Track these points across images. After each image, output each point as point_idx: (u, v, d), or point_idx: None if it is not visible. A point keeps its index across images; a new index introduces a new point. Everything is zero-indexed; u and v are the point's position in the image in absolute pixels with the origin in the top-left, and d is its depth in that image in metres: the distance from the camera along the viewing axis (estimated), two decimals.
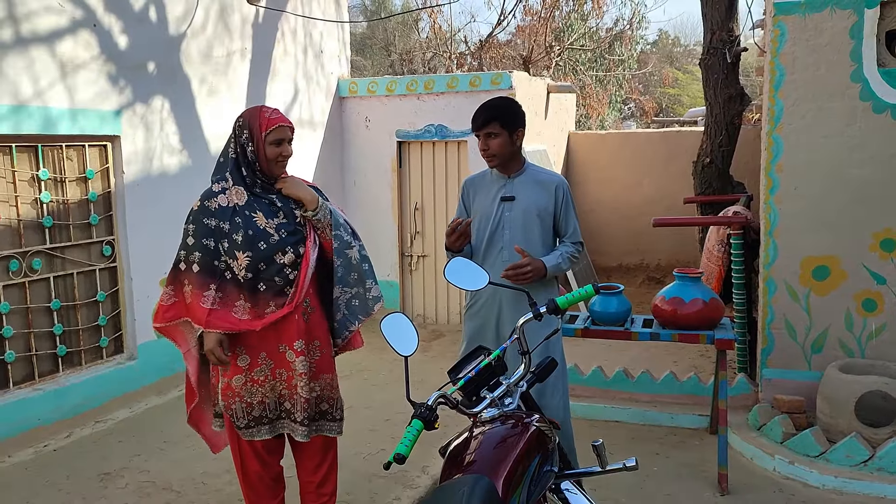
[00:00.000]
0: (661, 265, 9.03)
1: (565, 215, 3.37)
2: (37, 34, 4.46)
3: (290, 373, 2.95)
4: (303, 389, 2.94)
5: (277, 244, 2.88)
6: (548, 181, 3.36)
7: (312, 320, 3.00)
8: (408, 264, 7.69)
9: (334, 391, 3.09)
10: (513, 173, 3.35)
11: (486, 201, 3.37)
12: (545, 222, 3.33)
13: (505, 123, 3.24)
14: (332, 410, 3.08)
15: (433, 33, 15.32)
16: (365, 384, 5.63)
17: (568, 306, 2.54)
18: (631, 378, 5.01)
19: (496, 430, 2.28)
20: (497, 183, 3.37)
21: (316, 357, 3.01)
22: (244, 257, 2.85)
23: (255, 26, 6.30)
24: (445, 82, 7.16)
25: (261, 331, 2.90)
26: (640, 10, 15.35)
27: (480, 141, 3.29)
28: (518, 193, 3.32)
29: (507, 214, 3.32)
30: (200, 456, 4.31)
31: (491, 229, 3.34)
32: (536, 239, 3.32)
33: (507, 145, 3.26)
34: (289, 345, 2.93)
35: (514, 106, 3.33)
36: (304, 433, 2.98)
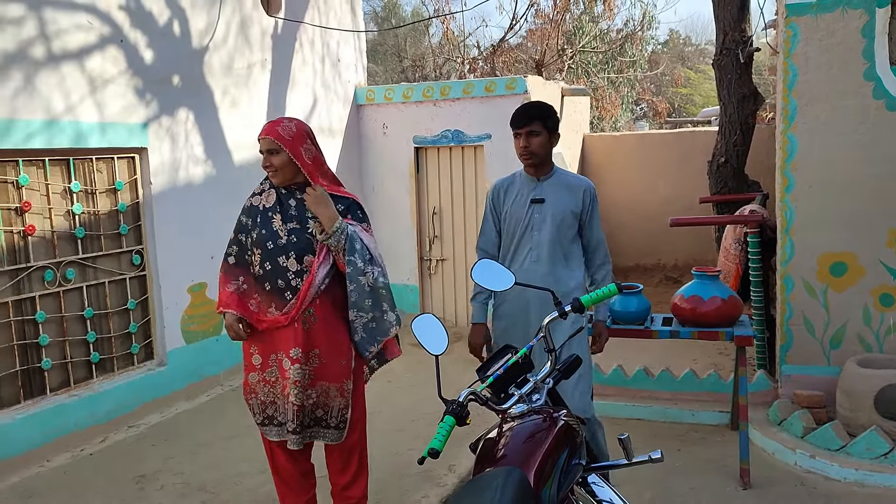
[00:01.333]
0: (677, 265, 9.07)
1: (590, 221, 3.46)
2: (67, 51, 4.61)
3: (285, 381, 3.04)
4: (295, 397, 3.00)
5: (283, 247, 3.00)
6: (576, 185, 3.45)
7: (314, 329, 3.03)
8: (427, 268, 7.79)
9: (332, 400, 3.08)
10: (542, 176, 3.44)
11: (516, 203, 3.44)
12: (572, 224, 3.42)
13: (546, 124, 3.33)
14: (326, 418, 3.10)
15: (445, 38, 15.42)
16: (389, 387, 5.73)
17: (591, 304, 2.62)
18: (651, 376, 5.08)
19: (525, 424, 2.36)
20: (527, 185, 3.45)
21: (314, 365, 3.05)
22: (257, 254, 3.06)
23: (275, 38, 6.43)
24: (461, 88, 7.26)
25: (267, 334, 3.04)
26: (650, 12, 15.40)
27: (521, 139, 3.34)
28: (547, 196, 3.40)
29: (536, 216, 3.40)
30: (233, 458, 4.43)
31: (521, 231, 3.42)
32: (565, 240, 3.41)
33: (545, 146, 3.35)
34: (285, 352, 3.02)
35: (554, 109, 3.44)
36: (296, 441, 3.05)
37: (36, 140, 4.42)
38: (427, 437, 4.66)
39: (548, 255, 3.38)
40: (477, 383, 2.47)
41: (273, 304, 3.03)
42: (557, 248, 3.38)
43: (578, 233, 3.47)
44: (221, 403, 5.48)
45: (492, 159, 7.17)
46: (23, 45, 4.35)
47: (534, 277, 3.30)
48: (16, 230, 4.47)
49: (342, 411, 3.11)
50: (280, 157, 3.01)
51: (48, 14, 4.48)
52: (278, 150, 3.01)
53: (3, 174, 4.38)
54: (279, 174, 3.04)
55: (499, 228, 3.53)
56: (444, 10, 16.59)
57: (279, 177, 3.05)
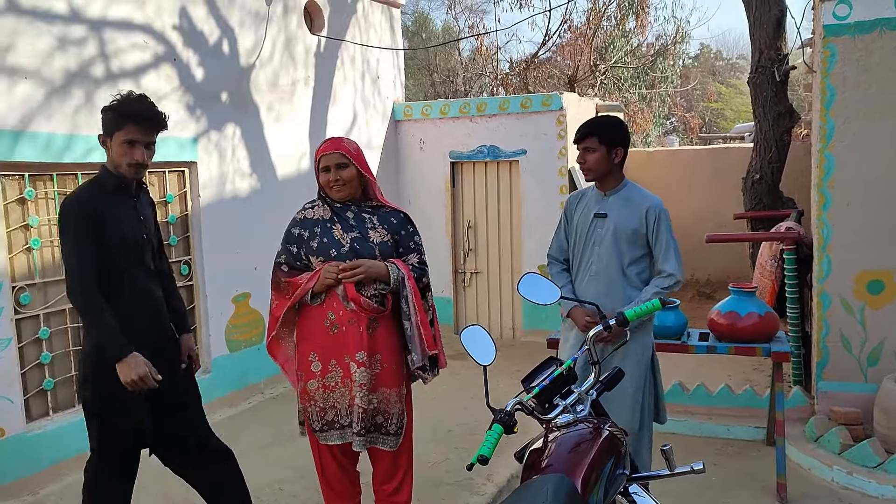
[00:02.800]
0: (710, 280, 9.09)
1: (656, 241, 3.36)
2: (124, 69, 4.81)
3: (351, 384, 3.13)
4: (361, 400, 3.10)
5: (345, 255, 3.12)
6: (639, 202, 3.38)
7: (378, 334, 3.16)
8: (461, 281, 7.90)
9: (392, 406, 3.19)
10: (609, 190, 3.43)
11: (582, 216, 3.48)
12: (633, 243, 3.36)
13: (603, 140, 3.32)
14: (386, 424, 3.19)
15: (478, 54, 15.57)
16: (426, 396, 5.81)
17: (636, 319, 2.70)
18: (686, 391, 5.12)
19: (571, 434, 2.43)
20: (594, 199, 3.48)
21: (377, 370, 3.15)
22: (317, 261, 3.16)
23: (318, 55, 6.62)
24: (497, 104, 7.39)
25: (329, 340, 3.14)
26: (683, 27, 15.42)
27: (579, 154, 3.41)
28: (610, 211, 3.40)
29: (598, 231, 3.41)
30: (275, 464, 4.56)
31: (583, 244, 3.46)
32: (626, 258, 3.37)
33: (603, 161, 3.35)
34: (351, 356, 3.12)
35: (617, 125, 3.44)
36: (360, 443, 3.15)
37: (95, 155, 4.62)
38: (463, 447, 4.75)
39: (606, 272, 3.38)
40: (523, 393, 2.56)
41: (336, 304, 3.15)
42: (616, 265, 3.37)
43: (648, 253, 3.40)
44: (263, 411, 5.62)
45: (527, 174, 7.28)
46: (84, 65, 4.56)
47: (587, 293, 3.36)
48: None
49: (400, 417, 3.22)
50: (349, 170, 3.13)
51: (108, 34, 4.69)
52: (347, 164, 3.12)
53: (64, 187, 4.58)
54: (346, 188, 3.15)
55: (568, 240, 3.57)
56: (477, 25, 16.77)
57: (345, 190, 3.15)
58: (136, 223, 3.02)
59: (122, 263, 2.96)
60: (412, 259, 3.28)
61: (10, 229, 4.27)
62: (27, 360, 4.38)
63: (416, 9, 23.58)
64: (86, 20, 4.56)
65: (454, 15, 18.89)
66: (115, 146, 2.92)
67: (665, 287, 3.36)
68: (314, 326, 3.18)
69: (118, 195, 2.99)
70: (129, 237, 2.97)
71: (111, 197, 2.96)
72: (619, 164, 3.42)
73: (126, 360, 2.86)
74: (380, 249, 3.17)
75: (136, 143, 2.91)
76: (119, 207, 2.97)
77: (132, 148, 2.91)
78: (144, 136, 2.92)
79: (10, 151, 4.17)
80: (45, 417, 4.49)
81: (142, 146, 2.92)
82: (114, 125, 2.92)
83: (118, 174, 2.96)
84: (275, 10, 6.11)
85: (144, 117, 2.91)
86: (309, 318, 3.20)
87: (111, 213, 2.93)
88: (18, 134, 4.21)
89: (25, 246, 4.37)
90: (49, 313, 4.51)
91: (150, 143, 2.97)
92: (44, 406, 4.50)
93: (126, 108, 2.90)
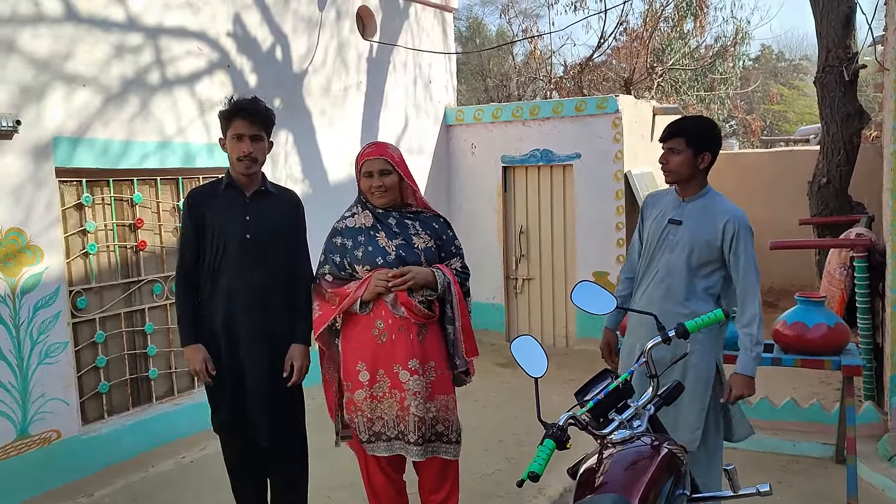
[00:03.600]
0: (773, 288, 8.76)
1: (734, 258, 3.07)
2: (179, 76, 4.87)
3: (402, 393, 3.06)
4: (417, 409, 3.04)
5: (392, 263, 3.06)
6: (718, 212, 3.11)
7: (427, 341, 3.10)
8: (513, 287, 7.79)
9: (450, 413, 3.15)
10: (688, 196, 3.20)
11: (657, 221, 3.27)
12: (707, 256, 3.11)
13: (691, 142, 3.09)
14: (447, 433, 3.14)
15: (532, 57, 15.45)
16: (476, 405, 5.74)
17: (697, 330, 2.57)
18: (749, 404, 4.91)
19: (628, 451, 2.31)
20: (672, 204, 3.25)
21: (431, 378, 3.10)
22: (363, 270, 3.09)
23: (370, 60, 6.61)
24: (551, 108, 7.27)
25: (377, 349, 3.07)
26: (743, 28, 15.01)
27: (663, 154, 3.16)
28: (686, 219, 3.15)
29: (670, 238, 3.19)
30: (323, 472, 4.52)
31: (652, 250, 3.26)
32: (695, 271, 3.13)
33: (687, 165, 3.10)
34: (402, 364, 3.05)
35: (709, 127, 3.21)
36: (419, 452, 3.08)
37: (150, 160, 4.68)
38: (515, 458, 4.65)
39: (669, 282, 3.17)
40: (576, 407, 2.46)
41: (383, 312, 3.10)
42: (683, 276, 3.15)
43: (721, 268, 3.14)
44: (313, 417, 5.59)
45: (581, 179, 7.13)
46: (140, 72, 4.62)
47: (648, 303, 3.19)
48: (129, 245, 4.73)
49: (457, 423, 3.18)
50: (392, 177, 3.09)
51: (163, 42, 4.75)
52: (391, 170, 3.09)
53: (120, 192, 4.65)
54: (388, 194, 3.10)
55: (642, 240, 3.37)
56: (531, 29, 16.65)
57: (387, 197, 3.11)
58: (240, 222, 3.15)
59: (218, 258, 3.15)
60: (455, 263, 3.24)
61: (67, 234, 4.35)
62: (83, 363, 4.46)
63: (470, 14, 23.61)
64: (142, 28, 4.62)
65: (508, 19, 18.82)
66: (228, 144, 3.14)
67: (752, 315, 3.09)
68: (362, 335, 3.13)
69: (228, 193, 3.19)
70: (228, 234, 3.14)
71: (221, 195, 3.18)
72: (705, 170, 3.18)
73: (187, 349, 3.20)
74: (425, 255, 3.12)
75: (242, 136, 3.08)
76: (226, 205, 3.17)
77: (240, 142, 3.09)
78: (249, 129, 3.09)
79: (69, 158, 4.24)
80: (99, 420, 4.55)
81: (247, 139, 3.08)
82: (224, 125, 3.14)
83: (233, 174, 3.18)
84: (327, 16, 6.12)
85: (247, 111, 3.09)
86: (356, 328, 3.15)
87: (216, 210, 3.15)
88: (76, 140, 4.28)
89: (82, 251, 4.45)
90: (105, 317, 4.57)
91: (256, 135, 3.11)
92: (99, 409, 4.57)
93: (231, 106, 3.12)
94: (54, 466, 4.20)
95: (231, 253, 3.16)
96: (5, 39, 3.92)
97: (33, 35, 4.05)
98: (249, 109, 3.10)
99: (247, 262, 3.17)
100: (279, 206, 3.28)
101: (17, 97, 3.98)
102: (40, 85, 4.09)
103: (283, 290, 3.27)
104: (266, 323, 3.20)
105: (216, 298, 3.19)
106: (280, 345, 3.25)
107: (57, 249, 4.21)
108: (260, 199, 3.24)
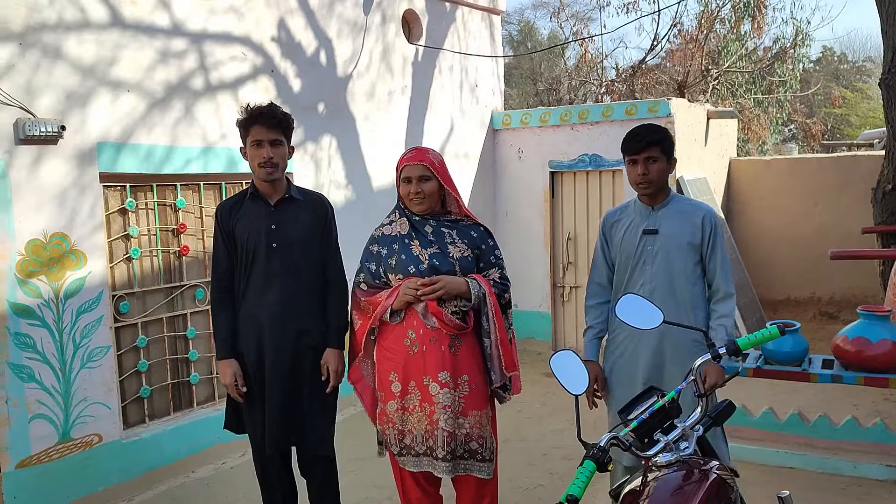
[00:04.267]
0: (834, 299, 8.39)
1: (712, 252, 3.11)
2: (223, 81, 4.87)
3: (432, 407, 2.97)
4: (446, 423, 2.95)
5: (425, 271, 2.99)
6: (693, 211, 3.14)
7: (461, 353, 3.01)
8: (559, 295, 7.63)
9: (484, 430, 3.04)
10: (658, 204, 3.15)
11: (628, 235, 3.20)
12: (691, 257, 3.11)
13: (665, 149, 3.09)
14: (481, 450, 3.03)
15: (583, 61, 15.22)
16: (519, 416, 5.61)
17: (749, 348, 2.41)
18: (807, 422, 4.67)
19: (673, 475, 2.18)
20: (640, 215, 3.19)
21: (464, 392, 3.00)
22: (395, 279, 3.04)
23: (415, 65, 6.54)
24: (600, 111, 7.10)
25: (409, 359, 3.00)
26: (803, 29, 14.52)
27: (638, 166, 3.07)
28: (661, 226, 3.12)
29: (648, 248, 3.13)
30: (363, 481, 4.46)
31: (632, 264, 3.17)
32: (682, 275, 3.11)
33: (664, 172, 3.10)
34: (433, 376, 2.96)
35: (669, 132, 3.20)
36: (448, 469, 2.98)
37: (193, 166, 4.68)
38: (560, 473, 4.51)
39: (661, 292, 3.08)
40: (619, 426, 2.33)
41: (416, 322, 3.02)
42: (674, 283, 3.10)
43: (702, 267, 3.15)
44: (353, 425, 5.55)
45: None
46: (184, 77, 4.63)
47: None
48: (172, 250, 4.74)
49: (492, 441, 3.07)
50: (431, 184, 3.03)
51: (207, 47, 4.76)
52: (430, 176, 3.02)
53: (163, 197, 4.67)
54: (426, 201, 3.04)
55: (611, 264, 3.29)
56: (581, 32, 16.44)
57: (425, 204, 3.05)
58: (265, 232, 3.14)
59: (247, 269, 3.17)
60: (493, 274, 3.13)
61: (111, 239, 4.37)
62: (125, 367, 4.47)
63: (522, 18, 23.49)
64: (186, 33, 4.63)
65: (559, 23, 18.60)
66: (248, 152, 3.14)
67: (731, 310, 3.11)
68: (394, 346, 3.06)
69: (254, 203, 3.20)
70: (253, 244, 3.15)
71: (247, 205, 3.20)
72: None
73: (220, 364, 3.23)
74: (460, 265, 3.04)
75: (261, 142, 3.08)
76: (252, 214, 3.18)
77: (259, 148, 3.09)
78: (268, 134, 3.08)
79: (113, 163, 4.27)
80: (141, 425, 4.56)
81: (267, 144, 3.08)
82: (243, 133, 3.15)
83: (257, 183, 3.19)
84: (373, 20, 6.08)
85: (265, 116, 3.08)
86: (389, 337, 3.08)
87: (243, 219, 3.18)
88: (121, 146, 4.30)
89: (125, 255, 4.47)
90: (147, 322, 4.59)
91: (275, 140, 3.10)
92: (140, 413, 4.58)
93: (248, 114, 3.12)
94: (95, 470, 4.21)
95: (259, 263, 3.15)
96: (52, 46, 3.96)
97: (79, 41, 4.08)
98: (267, 115, 3.09)
99: (274, 272, 3.15)
100: (305, 213, 3.25)
101: (63, 103, 4.02)
102: (85, 91, 4.12)
103: (313, 298, 3.24)
104: (292, 334, 3.17)
105: (247, 310, 3.19)
106: (306, 356, 3.21)
107: (100, 254, 4.23)
108: (285, 206, 3.21)
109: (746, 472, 3.49)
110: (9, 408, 3.82)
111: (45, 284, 3.96)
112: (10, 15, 3.78)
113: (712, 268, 3.12)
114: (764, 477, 4.33)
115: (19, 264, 3.85)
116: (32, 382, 3.92)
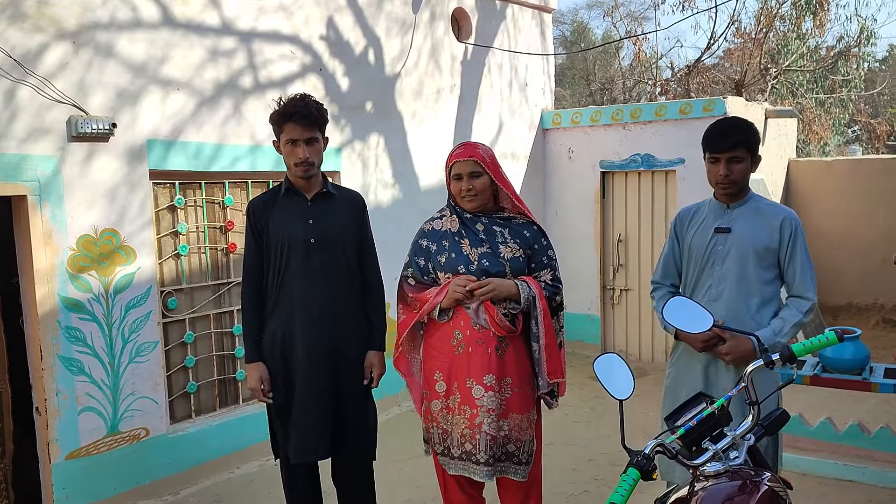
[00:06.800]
0: None
1: (790, 258, 2.93)
2: (271, 80, 4.90)
3: (474, 409, 2.91)
4: (489, 426, 2.89)
5: (475, 271, 2.93)
6: (773, 213, 2.96)
7: (507, 356, 2.94)
8: (609, 297, 7.48)
9: (523, 433, 2.97)
10: (734, 203, 3.00)
11: (699, 233, 3.06)
12: (765, 261, 2.94)
13: (750, 148, 2.92)
14: (518, 453, 2.97)
15: (637, 60, 14.97)
16: (565, 420, 5.51)
17: (805, 355, 2.28)
18: (868, 433, 4.46)
19: (722, 486, 2.08)
20: (714, 213, 3.05)
21: (507, 395, 2.94)
22: (445, 278, 2.98)
23: (464, 63, 6.49)
24: (653, 110, 6.94)
25: (454, 360, 2.95)
26: (868, 26, 13.99)
27: (720, 165, 2.92)
28: (735, 225, 2.97)
29: (719, 248, 2.99)
30: (406, 482, 4.43)
31: (701, 264, 3.04)
32: (754, 278, 2.94)
33: (747, 172, 2.94)
34: (477, 379, 2.90)
35: (755, 128, 3.02)
36: (487, 473, 2.92)
37: (241, 164, 4.72)
38: (605, 479, 4.40)
39: (729, 294, 2.95)
40: (666, 433, 2.24)
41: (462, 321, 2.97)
42: (743, 286, 2.94)
43: (779, 273, 2.98)
44: (398, 424, 5.53)
45: (684, 185, 6.75)
46: (233, 76, 4.67)
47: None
48: (219, 248, 4.79)
49: (530, 444, 2.99)
50: (482, 180, 2.96)
51: (256, 46, 4.79)
52: (481, 172, 2.95)
53: (211, 195, 4.72)
54: (478, 198, 2.97)
55: (679, 263, 3.17)
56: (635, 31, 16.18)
57: (477, 201, 2.97)
58: (301, 227, 3.07)
59: (281, 265, 3.07)
60: (545, 276, 3.05)
61: (160, 235, 4.43)
62: (172, 363, 4.53)
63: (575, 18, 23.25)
64: (236, 32, 4.67)
65: (613, 23, 18.35)
66: (283, 149, 3.05)
67: (807, 310, 2.92)
68: (441, 344, 3.01)
69: (289, 198, 3.11)
70: (290, 240, 3.06)
71: (281, 201, 3.11)
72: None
73: (247, 367, 3.15)
74: (511, 266, 2.96)
75: (297, 141, 2.99)
76: (286, 211, 3.09)
77: (294, 147, 3.00)
78: (303, 133, 2.99)
79: (162, 160, 4.32)
80: (187, 420, 4.62)
81: (302, 143, 2.99)
82: (277, 130, 3.06)
83: (292, 178, 3.10)
84: (422, 18, 6.05)
85: (300, 115, 2.97)
86: (436, 336, 3.04)
87: (277, 216, 3.08)
88: (170, 143, 4.36)
89: (174, 252, 4.53)
90: (195, 318, 4.64)
91: (311, 139, 3.02)
92: (187, 408, 4.63)
93: (281, 110, 3.01)
94: (142, 463, 4.27)
95: (296, 260, 3.06)
96: (104, 45, 4.03)
97: (130, 40, 4.14)
98: (301, 113, 2.98)
99: (312, 269, 3.07)
100: (342, 208, 3.19)
101: (114, 100, 4.09)
102: (136, 89, 4.18)
103: (351, 297, 3.18)
104: (327, 338, 3.10)
105: (280, 311, 3.10)
106: (343, 359, 3.15)
107: (149, 250, 4.29)
108: (322, 201, 3.14)
109: (802, 484, 3.33)
110: (59, 400, 3.90)
111: (95, 279, 4.03)
112: (65, 14, 3.86)
113: (791, 274, 2.95)
114: (821, 489, 4.15)
115: (70, 259, 3.92)
116: (82, 375, 3.99)
